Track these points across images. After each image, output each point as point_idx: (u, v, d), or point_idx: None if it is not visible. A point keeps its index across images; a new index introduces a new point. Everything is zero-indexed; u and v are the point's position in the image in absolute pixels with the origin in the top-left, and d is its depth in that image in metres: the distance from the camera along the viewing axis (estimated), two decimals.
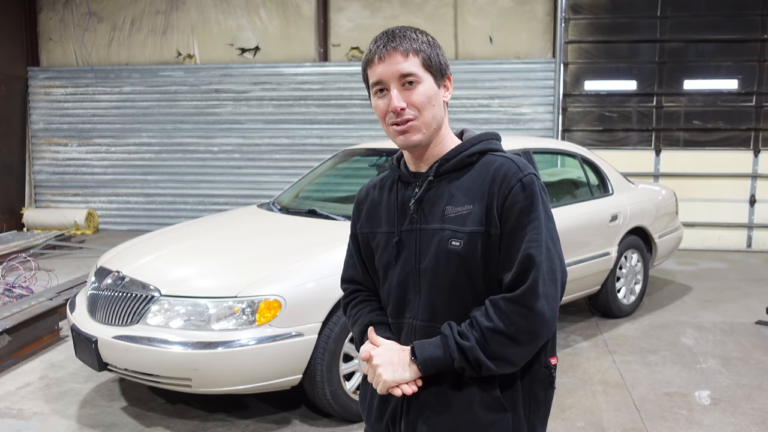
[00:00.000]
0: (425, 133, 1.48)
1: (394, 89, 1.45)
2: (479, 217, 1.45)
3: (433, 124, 1.49)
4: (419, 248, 1.52)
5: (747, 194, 8.33)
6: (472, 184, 1.48)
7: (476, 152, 1.52)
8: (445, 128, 1.54)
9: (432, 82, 1.48)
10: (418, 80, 1.45)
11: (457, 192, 1.49)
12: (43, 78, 9.66)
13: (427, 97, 1.46)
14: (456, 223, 1.46)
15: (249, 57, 9.32)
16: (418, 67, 1.46)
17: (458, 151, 1.52)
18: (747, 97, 8.20)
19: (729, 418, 3.56)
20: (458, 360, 1.41)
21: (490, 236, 1.44)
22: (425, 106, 1.46)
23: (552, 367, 1.55)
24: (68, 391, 3.92)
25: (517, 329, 1.38)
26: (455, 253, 1.45)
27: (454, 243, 1.45)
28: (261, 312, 3.15)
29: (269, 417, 3.58)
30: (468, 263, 1.45)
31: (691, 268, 7.21)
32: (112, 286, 3.50)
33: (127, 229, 9.50)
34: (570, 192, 5.20)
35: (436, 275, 1.49)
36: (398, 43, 1.45)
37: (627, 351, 4.59)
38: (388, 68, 1.45)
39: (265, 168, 9.25)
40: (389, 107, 1.46)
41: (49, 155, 9.75)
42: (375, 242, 1.63)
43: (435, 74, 1.49)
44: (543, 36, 8.75)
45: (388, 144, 4.89)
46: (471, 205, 1.46)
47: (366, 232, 1.66)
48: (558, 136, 8.47)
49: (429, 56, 1.47)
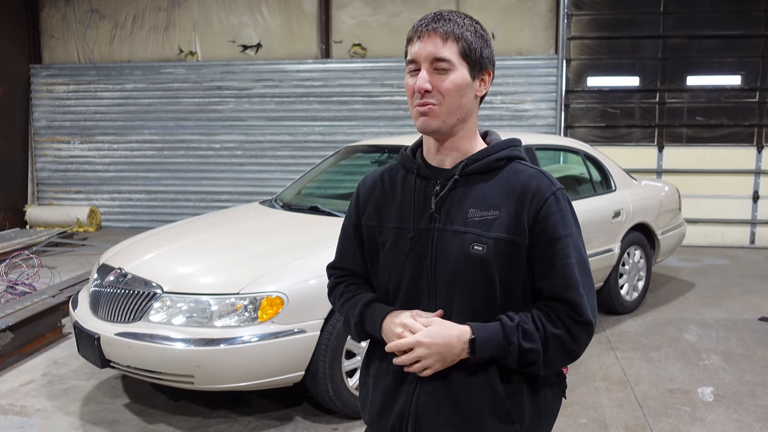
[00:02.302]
0: (445, 121, 1.45)
1: (424, 70, 1.43)
2: (506, 225, 1.43)
3: (457, 114, 1.45)
4: (436, 249, 1.47)
5: (750, 190, 8.31)
6: (500, 190, 1.46)
7: (504, 157, 1.50)
8: (472, 123, 1.51)
9: (466, 72, 1.44)
10: (451, 67, 1.42)
11: (482, 195, 1.46)
12: (46, 75, 9.67)
13: (456, 85, 1.42)
14: (480, 228, 1.44)
15: (251, 54, 9.31)
16: (455, 54, 1.42)
17: (487, 153, 1.49)
18: (750, 93, 8.18)
19: (732, 414, 3.56)
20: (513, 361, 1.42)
21: (518, 245, 1.43)
22: (451, 95, 1.43)
23: (564, 376, 1.58)
24: (71, 388, 3.93)
25: (579, 344, 1.44)
26: (477, 257, 1.43)
27: (477, 247, 1.43)
28: (263, 309, 3.15)
29: (272, 414, 3.58)
30: (489, 269, 1.43)
31: (694, 265, 7.19)
32: (114, 283, 3.50)
33: (130, 226, 9.51)
34: (573, 188, 5.19)
35: (454, 278, 1.45)
36: (440, 25, 1.42)
37: (630, 347, 4.58)
38: (424, 48, 1.42)
39: (267, 165, 9.25)
40: (415, 87, 1.44)
41: (51, 153, 9.76)
42: (383, 237, 1.57)
43: (472, 65, 1.44)
44: (545, 32, 8.73)
45: (390, 141, 4.89)
46: (497, 211, 1.44)
47: (373, 225, 1.59)
48: (560, 133, 8.46)
49: (469, 45, 1.43)
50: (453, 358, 1.42)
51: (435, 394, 1.46)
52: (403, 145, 1.73)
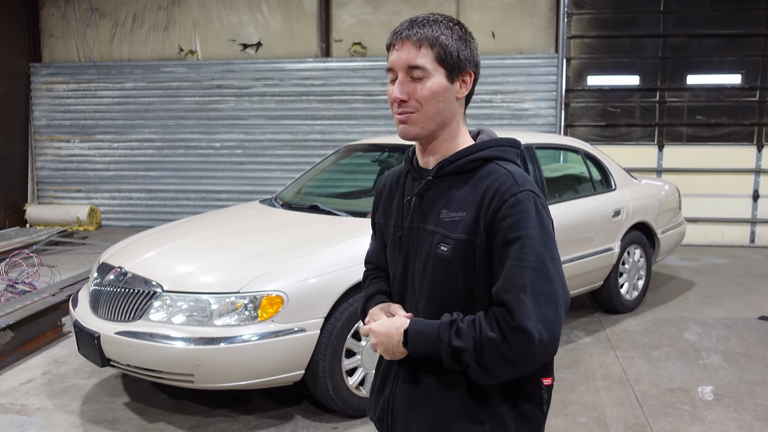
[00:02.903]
0: (424, 127, 1.45)
1: (399, 80, 1.43)
2: (469, 226, 1.41)
3: (436, 120, 1.45)
4: (415, 247, 1.52)
5: (750, 189, 8.31)
6: (470, 191, 1.44)
7: (480, 158, 1.47)
8: (455, 124, 1.49)
9: (443, 77, 1.43)
10: (426, 74, 1.41)
11: (454, 197, 1.46)
12: (46, 74, 9.66)
13: (432, 92, 1.42)
14: (447, 228, 1.44)
15: (251, 53, 9.31)
16: (429, 60, 1.41)
17: (462, 155, 1.47)
18: (750, 92, 8.17)
19: (732, 413, 3.56)
20: (447, 359, 1.39)
21: (475, 247, 1.40)
22: (428, 102, 1.42)
23: (543, 387, 1.48)
24: (71, 387, 3.93)
25: (516, 353, 1.33)
26: (441, 258, 1.44)
27: (442, 248, 1.44)
28: (263, 307, 3.15)
29: (272, 412, 3.58)
30: (451, 269, 1.43)
31: (694, 264, 7.19)
32: (114, 282, 3.50)
33: (130, 225, 9.51)
34: (573, 187, 5.19)
35: (424, 277, 1.48)
36: (414, 32, 1.41)
37: (630, 346, 4.58)
38: (399, 56, 1.43)
39: (267, 164, 9.24)
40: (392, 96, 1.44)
41: (51, 151, 9.75)
42: (386, 234, 1.64)
43: (449, 69, 1.43)
44: (546, 31, 8.72)
45: (390, 140, 4.88)
46: (464, 213, 1.43)
47: (381, 223, 1.67)
48: (561, 132, 8.45)
49: (444, 50, 1.41)
50: (394, 348, 1.46)
51: (408, 391, 1.51)
52: (403, 144, 1.75)
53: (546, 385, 1.49)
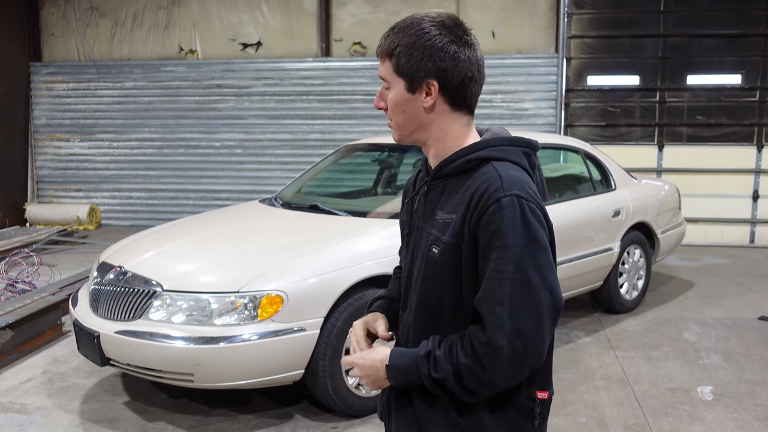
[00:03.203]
0: (401, 134, 1.49)
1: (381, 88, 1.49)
2: (457, 230, 1.38)
3: (408, 127, 1.46)
4: (418, 246, 1.52)
5: (750, 189, 8.31)
6: (463, 193, 1.40)
7: (476, 159, 1.42)
8: (436, 129, 1.45)
9: (402, 87, 1.42)
10: (390, 85, 1.44)
11: (450, 198, 1.44)
12: (45, 73, 9.66)
13: (393, 103, 1.44)
14: (440, 230, 1.42)
15: (251, 52, 9.30)
16: (389, 71, 1.43)
17: (459, 156, 1.44)
18: (750, 92, 8.17)
19: (732, 413, 3.56)
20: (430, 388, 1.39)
21: (460, 252, 1.38)
22: (394, 111, 1.46)
23: (537, 401, 1.43)
24: (71, 386, 3.93)
25: (491, 374, 1.31)
26: (432, 259, 1.43)
27: (434, 250, 1.42)
28: (263, 307, 3.15)
29: (272, 412, 3.58)
30: (441, 273, 1.41)
31: (694, 264, 7.19)
32: (114, 281, 3.50)
33: (130, 224, 9.50)
34: (572, 187, 5.19)
35: (418, 277, 1.48)
36: (382, 43, 1.45)
37: (629, 346, 4.58)
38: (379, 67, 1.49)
39: (267, 163, 9.24)
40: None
41: (51, 150, 9.75)
42: (404, 232, 1.65)
43: (409, 79, 1.41)
44: (546, 31, 8.72)
45: (390, 139, 4.88)
46: (455, 215, 1.40)
47: (404, 221, 1.65)
48: (561, 132, 8.45)
49: (399, 61, 1.40)
50: (380, 382, 1.46)
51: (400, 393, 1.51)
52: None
53: (540, 398, 1.44)
